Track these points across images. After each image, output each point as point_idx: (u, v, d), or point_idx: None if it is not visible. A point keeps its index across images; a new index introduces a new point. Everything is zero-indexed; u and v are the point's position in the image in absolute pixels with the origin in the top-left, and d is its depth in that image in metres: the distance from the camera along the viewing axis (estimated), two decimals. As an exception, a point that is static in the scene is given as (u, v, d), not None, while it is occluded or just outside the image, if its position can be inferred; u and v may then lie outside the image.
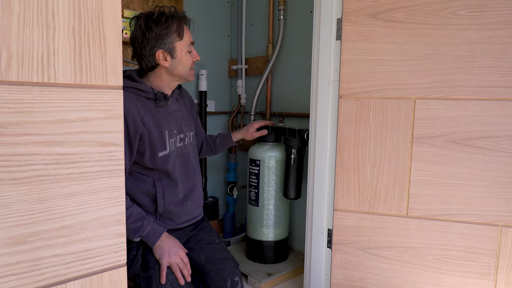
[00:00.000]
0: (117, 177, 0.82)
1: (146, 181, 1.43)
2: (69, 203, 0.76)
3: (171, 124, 1.45)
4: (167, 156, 1.42)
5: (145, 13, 1.39)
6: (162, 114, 1.43)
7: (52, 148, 0.72)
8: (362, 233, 1.52)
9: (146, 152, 1.38)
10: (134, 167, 1.42)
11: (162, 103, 1.43)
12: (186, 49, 1.43)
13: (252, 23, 2.48)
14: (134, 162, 1.41)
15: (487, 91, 1.31)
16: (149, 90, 1.39)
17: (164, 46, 1.38)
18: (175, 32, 1.39)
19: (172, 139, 1.45)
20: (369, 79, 1.44)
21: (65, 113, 0.74)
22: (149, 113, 1.39)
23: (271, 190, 2.02)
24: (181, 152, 1.49)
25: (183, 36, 1.41)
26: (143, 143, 1.37)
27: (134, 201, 1.42)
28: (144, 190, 1.43)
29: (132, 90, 1.37)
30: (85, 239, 0.79)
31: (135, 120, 1.34)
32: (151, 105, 1.41)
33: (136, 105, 1.36)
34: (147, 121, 1.38)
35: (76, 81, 0.75)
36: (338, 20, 1.49)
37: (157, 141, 1.40)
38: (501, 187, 1.33)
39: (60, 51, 0.72)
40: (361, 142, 1.48)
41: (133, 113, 1.33)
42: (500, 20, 1.27)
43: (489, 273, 1.37)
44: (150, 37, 1.37)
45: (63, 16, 0.72)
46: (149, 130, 1.38)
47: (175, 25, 1.39)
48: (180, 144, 1.49)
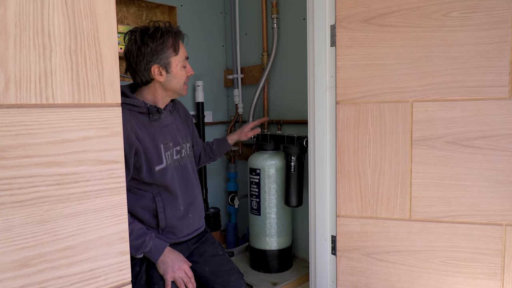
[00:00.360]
0: (119, 195, 0.82)
1: (145, 196, 1.42)
2: (71, 223, 0.75)
3: (166, 137, 1.45)
4: (164, 170, 1.42)
5: (140, 28, 1.39)
6: (157, 128, 1.43)
7: (53, 169, 0.72)
8: (366, 238, 1.51)
9: (143, 167, 1.37)
10: (133, 183, 1.42)
11: (156, 116, 1.43)
12: (181, 64, 1.43)
13: (246, 33, 2.49)
14: (132, 178, 1.40)
15: (483, 91, 1.32)
16: (142, 105, 1.39)
17: (159, 61, 1.38)
18: (170, 47, 1.39)
19: (168, 152, 1.44)
20: (366, 84, 1.44)
21: (64, 133, 0.73)
22: (143, 128, 1.39)
23: (272, 199, 2.02)
24: (178, 164, 1.49)
25: (179, 51, 1.41)
26: (139, 158, 1.36)
27: (135, 217, 1.41)
28: (144, 206, 1.42)
29: (124, 105, 1.37)
30: (89, 259, 0.78)
31: (129, 136, 1.33)
32: (144, 119, 1.41)
33: (129, 120, 1.36)
34: (142, 135, 1.37)
35: (75, 101, 0.75)
36: (332, 26, 1.50)
37: (153, 155, 1.39)
38: (503, 186, 1.33)
39: (57, 72, 0.72)
40: (361, 147, 1.48)
41: (126, 129, 1.33)
42: (492, 20, 1.28)
43: (495, 273, 1.36)
44: (146, 52, 1.37)
45: (59, 37, 0.72)
46: (144, 145, 1.37)
47: (170, 40, 1.39)
48: (177, 156, 1.49)
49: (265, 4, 2.29)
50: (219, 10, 2.61)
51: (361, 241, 1.52)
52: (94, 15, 0.77)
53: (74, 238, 0.76)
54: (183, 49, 1.45)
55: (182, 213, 1.48)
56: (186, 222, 1.49)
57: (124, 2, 2.21)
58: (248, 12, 2.46)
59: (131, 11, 2.24)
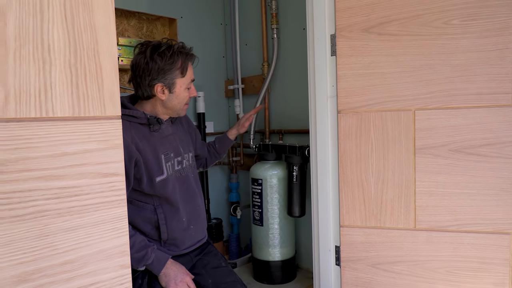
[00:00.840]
0: (119, 208, 0.81)
1: (146, 208, 1.41)
2: (71, 237, 0.75)
3: (167, 147, 1.44)
4: (165, 181, 1.41)
5: (153, 43, 1.37)
6: (157, 138, 1.42)
7: (52, 183, 0.71)
8: (370, 248, 1.49)
9: (144, 178, 1.36)
10: (134, 195, 1.41)
11: (156, 127, 1.42)
12: (186, 86, 1.42)
13: (246, 43, 2.50)
14: (133, 189, 1.39)
15: (486, 98, 1.31)
16: (142, 116, 1.38)
17: (164, 81, 1.37)
18: (178, 69, 1.37)
19: (169, 163, 1.43)
20: (367, 93, 1.44)
21: (64, 147, 0.73)
22: (144, 139, 1.38)
23: (275, 209, 2.01)
24: (179, 175, 1.48)
25: (186, 73, 1.40)
26: (139, 169, 1.35)
27: (137, 229, 1.40)
28: (145, 218, 1.41)
29: (124, 117, 1.36)
30: (89, 273, 0.77)
31: (129, 147, 1.33)
32: (145, 130, 1.40)
33: (129, 131, 1.35)
34: (142, 146, 1.36)
35: (74, 114, 0.74)
36: (332, 36, 1.50)
37: (153, 166, 1.38)
38: (508, 194, 1.31)
39: (57, 85, 0.72)
40: (363, 156, 1.47)
41: (126, 140, 1.31)
42: (493, 27, 1.28)
43: (503, 283, 1.34)
44: (153, 68, 1.35)
45: (58, 50, 0.72)
46: (144, 156, 1.36)
47: (180, 61, 1.37)
48: (178, 167, 1.48)
49: (265, 15, 2.30)
50: (219, 22, 2.63)
51: (365, 252, 1.50)
52: (94, 28, 0.77)
53: (74, 252, 0.75)
54: (191, 72, 1.44)
55: (184, 225, 1.46)
56: (188, 234, 1.48)
57: (124, 15, 2.23)
58: (248, 23, 2.47)
59: (131, 23, 2.26)
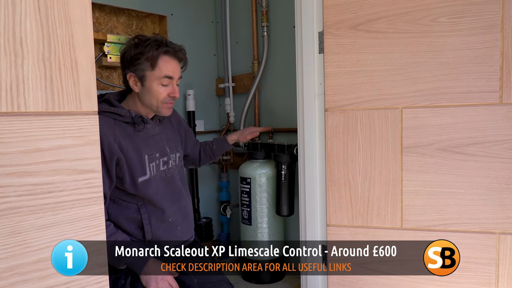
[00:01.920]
0: (96, 205, 0.79)
1: (130, 208, 1.39)
2: (45, 235, 0.73)
3: (151, 147, 1.42)
4: (148, 181, 1.38)
5: (144, 37, 1.38)
6: (142, 138, 1.40)
7: (24, 179, 0.70)
8: (357, 248, 1.48)
9: (126, 177, 1.34)
10: (117, 193, 1.38)
11: (140, 126, 1.38)
12: (158, 81, 1.35)
13: (237, 41, 2.49)
14: (117, 188, 1.37)
15: (474, 97, 1.30)
16: (126, 114, 1.35)
17: (135, 71, 1.34)
18: (148, 61, 1.33)
19: (153, 163, 1.41)
20: (354, 91, 1.43)
21: (37, 142, 0.71)
22: (127, 137, 1.36)
23: (263, 208, 1.99)
24: (165, 175, 1.46)
25: (156, 67, 1.34)
26: (121, 168, 1.33)
27: (120, 228, 1.38)
28: (129, 217, 1.39)
29: (109, 114, 1.34)
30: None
31: (111, 145, 1.30)
32: (129, 129, 1.37)
33: (113, 129, 1.33)
34: (125, 145, 1.34)
35: (48, 109, 0.72)
36: (320, 33, 1.49)
37: (136, 166, 1.35)
38: (495, 194, 1.30)
39: (30, 79, 0.70)
40: (350, 154, 1.46)
41: (108, 138, 1.29)
42: (481, 25, 1.27)
43: (490, 283, 1.33)
44: (126, 58, 1.35)
45: (31, 44, 0.70)
46: (127, 155, 1.34)
47: (150, 52, 1.33)
48: (163, 167, 1.45)
49: (255, 13, 2.29)
50: (210, 19, 2.61)
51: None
52: (69, 22, 0.75)
53: (48, 250, 0.73)
54: (166, 67, 1.36)
55: (169, 225, 1.45)
56: (173, 234, 1.46)
57: (114, 11, 2.20)
58: (239, 21, 2.46)
59: (121, 20, 2.24)
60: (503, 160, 1.28)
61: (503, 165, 1.28)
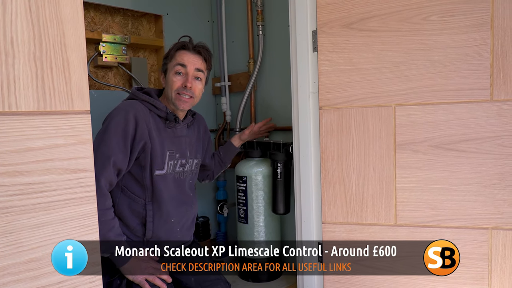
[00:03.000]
0: (88, 204, 0.80)
1: (137, 202, 1.41)
2: (37, 235, 0.73)
3: (174, 147, 1.46)
4: (163, 177, 1.42)
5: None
6: (169, 135, 1.45)
7: (16, 179, 0.70)
8: (352, 245, 1.49)
9: (147, 165, 1.38)
10: (129, 184, 1.40)
11: (171, 124, 1.45)
12: (174, 70, 1.45)
13: (232, 40, 2.49)
14: (131, 177, 1.39)
15: (465, 94, 1.31)
16: (163, 108, 1.43)
17: (163, 66, 1.51)
18: (171, 54, 1.49)
19: (172, 161, 1.45)
20: (348, 89, 1.43)
21: (29, 142, 0.72)
22: (157, 130, 1.42)
23: (260, 207, 2.00)
24: (178, 177, 1.49)
25: (173, 59, 1.47)
26: (146, 154, 1.37)
27: (122, 220, 1.39)
28: (134, 211, 1.40)
29: (147, 104, 1.41)
30: (57, 271, 0.76)
31: (143, 129, 1.36)
32: (160, 123, 1.44)
33: (148, 117, 1.39)
34: (154, 135, 1.39)
35: (40, 108, 0.73)
36: (314, 32, 1.50)
37: (157, 157, 1.40)
38: (487, 190, 1.32)
39: (21, 79, 0.70)
40: (344, 152, 1.47)
41: (144, 122, 1.37)
42: (471, 23, 1.28)
43: (482, 278, 1.34)
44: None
45: (22, 43, 0.70)
46: (153, 144, 1.39)
47: (173, 48, 1.49)
48: (179, 169, 1.49)
49: (250, 12, 2.29)
50: (206, 19, 2.61)
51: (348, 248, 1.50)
52: (60, 21, 0.75)
53: (40, 250, 0.74)
54: (182, 57, 1.47)
55: (170, 226, 1.46)
56: (173, 235, 1.47)
57: (109, 11, 2.20)
58: (235, 20, 2.46)
59: (116, 20, 2.24)
60: (494, 156, 1.29)
61: (494, 161, 1.29)
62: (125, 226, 1.41)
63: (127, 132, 1.31)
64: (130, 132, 1.32)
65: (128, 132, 1.32)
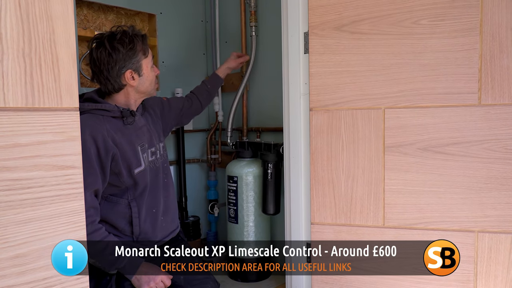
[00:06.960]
0: (76, 201, 0.80)
1: (121, 203, 1.40)
2: (23, 230, 0.73)
3: (141, 139, 1.44)
4: (144, 172, 1.41)
5: (107, 34, 1.37)
6: (132, 131, 1.42)
7: (3, 174, 0.70)
8: (340, 245, 1.50)
9: (123, 171, 1.35)
10: (109, 190, 1.39)
11: (130, 119, 1.41)
12: (150, 65, 1.44)
13: (226, 41, 2.50)
14: (109, 185, 1.37)
15: (453, 98, 1.33)
16: (114, 109, 1.37)
17: (132, 66, 1.38)
18: (141, 51, 1.39)
19: (145, 154, 1.44)
20: (338, 91, 1.45)
21: (16, 138, 0.71)
22: (119, 131, 1.37)
23: (250, 207, 2.00)
24: (153, 166, 1.48)
25: (148, 53, 1.43)
26: (117, 163, 1.34)
27: (109, 224, 1.38)
28: (119, 213, 1.39)
29: (96, 111, 1.34)
30: (43, 267, 0.76)
31: (106, 141, 1.31)
32: (118, 123, 1.39)
33: (103, 125, 1.33)
34: (118, 139, 1.35)
35: (28, 104, 0.73)
36: (305, 34, 1.51)
37: (131, 158, 1.37)
38: (474, 193, 1.33)
39: (9, 75, 0.70)
40: (334, 153, 1.48)
41: (102, 134, 1.30)
42: (461, 28, 1.30)
43: (468, 280, 1.36)
44: (118, 58, 1.35)
45: (11, 39, 0.70)
46: (121, 149, 1.35)
47: (139, 43, 1.39)
48: (152, 158, 1.48)
49: (244, 12, 2.30)
50: (199, 18, 2.61)
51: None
52: (50, 18, 0.75)
53: (26, 246, 0.73)
54: (150, 50, 1.47)
55: (155, 217, 1.46)
56: (159, 225, 1.47)
57: (102, 9, 2.20)
58: (228, 21, 2.47)
59: (109, 18, 2.23)
60: (481, 160, 1.31)
61: (482, 164, 1.31)
62: (114, 228, 1.40)
63: (90, 157, 1.27)
64: (93, 155, 1.27)
65: (91, 156, 1.27)
